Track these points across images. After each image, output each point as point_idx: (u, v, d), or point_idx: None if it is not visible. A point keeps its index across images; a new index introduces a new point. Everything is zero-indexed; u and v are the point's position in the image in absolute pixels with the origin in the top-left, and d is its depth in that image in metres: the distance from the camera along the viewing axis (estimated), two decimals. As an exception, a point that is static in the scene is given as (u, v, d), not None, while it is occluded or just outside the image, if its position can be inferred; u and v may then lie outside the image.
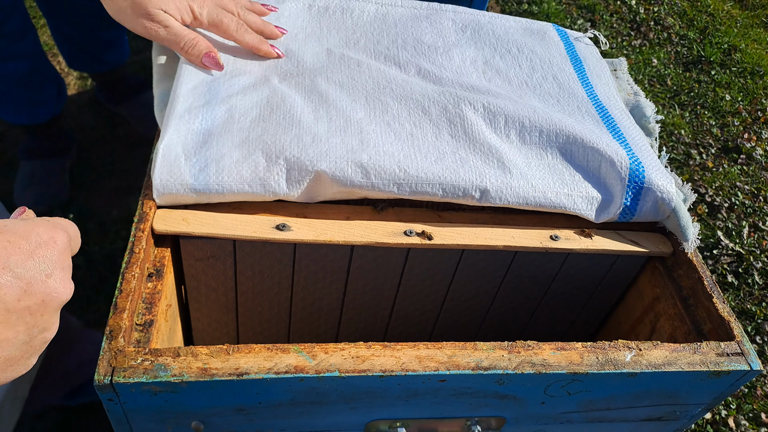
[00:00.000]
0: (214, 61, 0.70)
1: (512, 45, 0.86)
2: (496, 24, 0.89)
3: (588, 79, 0.84)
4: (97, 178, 1.52)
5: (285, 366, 0.53)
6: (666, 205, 0.71)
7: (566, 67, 0.85)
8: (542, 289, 0.81)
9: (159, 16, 0.67)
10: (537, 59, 0.84)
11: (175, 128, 0.66)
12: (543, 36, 0.90)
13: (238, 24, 0.73)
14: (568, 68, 0.85)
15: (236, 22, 0.73)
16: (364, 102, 0.72)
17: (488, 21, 0.89)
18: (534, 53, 0.85)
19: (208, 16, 0.71)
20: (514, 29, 0.89)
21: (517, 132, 0.72)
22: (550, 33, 0.91)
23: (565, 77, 0.83)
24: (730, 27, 2.28)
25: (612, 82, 0.87)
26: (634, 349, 0.61)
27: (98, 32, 1.44)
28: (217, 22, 0.72)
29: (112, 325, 0.54)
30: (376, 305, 0.79)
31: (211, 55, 0.70)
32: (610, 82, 0.87)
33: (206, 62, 0.70)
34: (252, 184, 0.64)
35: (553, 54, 0.86)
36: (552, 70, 0.83)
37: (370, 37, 0.82)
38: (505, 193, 0.68)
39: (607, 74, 0.88)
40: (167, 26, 0.68)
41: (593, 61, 0.89)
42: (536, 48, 0.86)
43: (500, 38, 0.86)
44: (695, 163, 1.77)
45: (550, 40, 0.89)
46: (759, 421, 1.25)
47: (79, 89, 1.73)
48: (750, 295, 1.47)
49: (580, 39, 0.93)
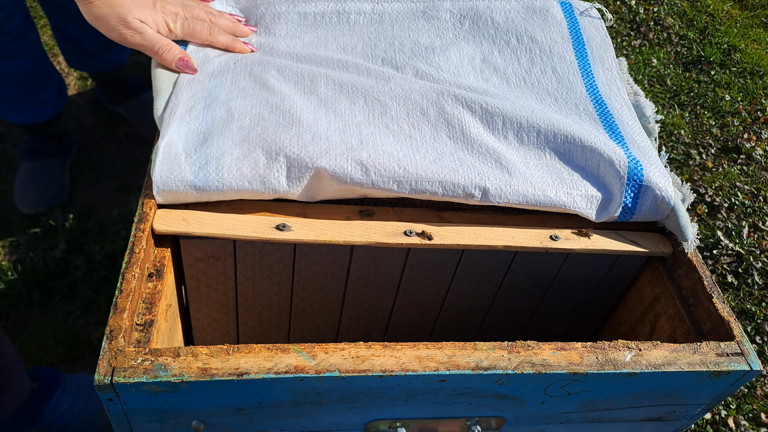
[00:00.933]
0: (186, 64, 0.74)
1: (511, 35, 0.85)
2: (495, 10, 0.87)
3: (590, 66, 0.83)
4: (97, 178, 1.52)
5: (285, 366, 0.53)
6: (665, 204, 0.71)
7: (567, 55, 0.83)
8: (542, 289, 0.81)
9: (135, 24, 0.72)
10: (537, 49, 0.83)
11: (176, 128, 0.66)
12: (545, 15, 0.87)
13: (210, 28, 0.78)
14: (569, 56, 0.83)
15: (208, 26, 0.78)
16: (362, 104, 0.72)
17: (487, 6, 0.87)
18: (534, 42, 0.84)
19: (182, 27, 0.77)
20: (515, 13, 0.87)
21: (514, 132, 0.72)
22: (553, 10, 0.88)
23: (565, 69, 0.82)
24: (729, 27, 2.28)
25: (615, 65, 0.85)
26: (633, 349, 0.61)
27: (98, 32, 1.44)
28: (190, 32, 0.77)
29: (113, 325, 0.54)
30: (376, 305, 0.79)
31: (184, 60, 0.74)
32: (613, 65, 0.85)
33: (179, 66, 0.74)
34: (252, 181, 0.64)
35: (555, 39, 0.85)
36: (552, 61, 0.82)
37: (367, 41, 0.82)
38: (505, 192, 0.68)
39: (610, 56, 0.86)
40: (142, 32, 0.73)
41: (597, 40, 0.87)
42: (537, 34, 0.84)
43: (499, 27, 0.85)
44: (695, 163, 1.78)
45: (552, 20, 0.87)
46: (759, 421, 1.25)
47: (79, 89, 1.73)
48: (750, 295, 1.47)
49: (587, 12, 0.90)
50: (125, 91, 1.61)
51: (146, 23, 0.73)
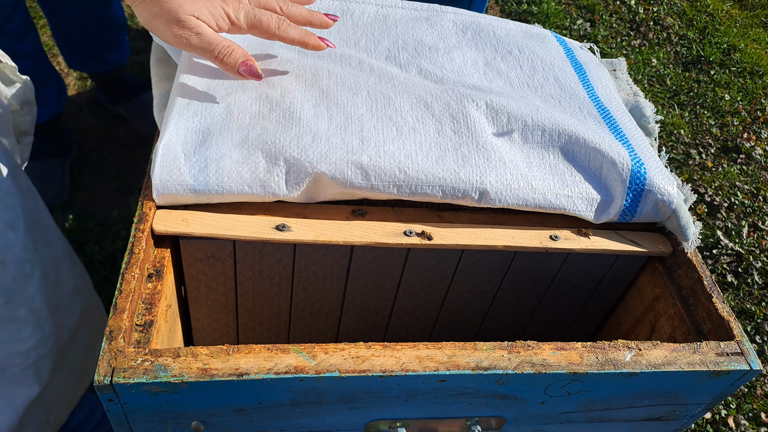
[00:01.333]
0: (251, 70, 0.65)
1: (513, 46, 0.86)
2: (496, 26, 0.89)
3: (589, 81, 0.85)
4: (97, 178, 1.52)
5: (285, 366, 0.53)
6: (666, 207, 0.71)
7: (567, 69, 0.85)
8: (542, 289, 0.81)
9: (190, 22, 0.62)
10: (538, 60, 0.84)
11: (174, 127, 0.65)
12: (543, 40, 0.90)
13: (279, 20, 0.67)
14: (569, 70, 0.85)
15: (277, 19, 0.66)
16: (365, 96, 0.72)
17: (489, 23, 0.89)
18: (535, 54, 0.85)
19: (245, 18, 0.65)
20: (515, 32, 0.90)
21: (519, 130, 0.72)
22: (549, 38, 0.92)
23: (567, 79, 0.83)
24: (729, 27, 2.28)
25: (613, 86, 0.87)
26: (633, 349, 0.61)
27: (98, 32, 1.44)
28: (256, 23, 0.66)
29: (112, 326, 0.54)
30: (376, 305, 0.80)
31: (249, 64, 0.65)
32: (611, 85, 0.87)
33: (243, 71, 0.65)
34: (252, 185, 0.64)
35: (554, 56, 0.87)
36: (553, 71, 0.84)
37: (371, 38, 0.82)
38: (505, 195, 0.68)
39: (607, 78, 0.88)
40: (199, 33, 0.62)
41: (593, 65, 0.90)
42: (537, 50, 0.86)
43: (501, 40, 0.87)
44: (695, 162, 1.78)
45: (550, 44, 0.90)
46: (759, 421, 1.25)
47: (79, 89, 1.73)
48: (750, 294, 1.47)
49: (579, 47, 0.94)
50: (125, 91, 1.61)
51: (202, 19, 0.62)
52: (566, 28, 2.18)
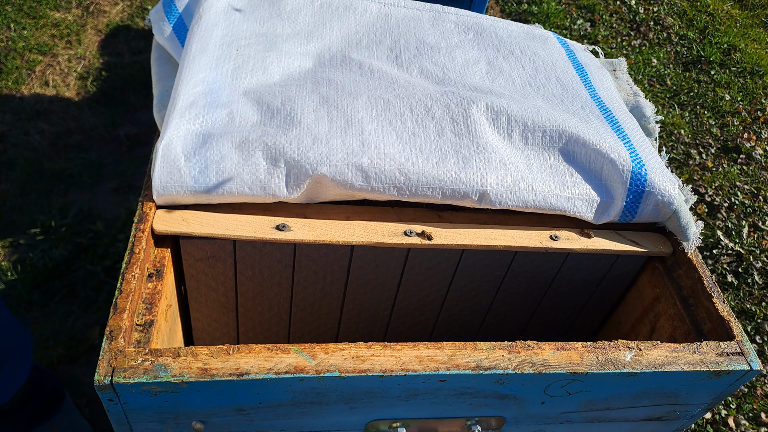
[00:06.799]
0: None
1: (515, 47, 0.86)
2: (498, 27, 0.89)
3: (591, 82, 0.85)
4: (97, 178, 1.52)
5: (285, 366, 0.53)
6: (667, 208, 0.71)
7: (569, 70, 0.85)
8: (542, 289, 0.81)
9: None
10: (540, 61, 0.85)
11: (175, 127, 0.65)
12: (545, 41, 0.90)
13: None
14: (570, 71, 0.85)
15: None
16: (365, 100, 0.72)
17: (491, 24, 0.89)
18: (537, 55, 0.85)
19: None
20: (517, 33, 0.90)
21: (520, 132, 0.72)
22: (551, 40, 0.92)
23: (569, 79, 0.83)
24: (729, 27, 2.28)
25: (614, 87, 0.88)
26: (634, 348, 0.61)
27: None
28: None
29: (113, 326, 0.54)
30: (376, 305, 0.79)
31: None
32: (612, 87, 0.87)
33: None
34: (252, 186, 0.64)
35: (556, 57, 0.87)
36: (555, 71, 0.84)
37: (373, 37, 0.82)
38: (505, 197, 0.68)
39: (609, 80, 0.88)
40: None
41: (594, 67, 0.90)
42: (539, 51, 0.86)
43: (503, 40, 0.87)
44: (695, 162, 1.78)
45: (552, 46, 0.90)
46: (759, 421, 1.25)
47: (79, 89, 1.73)
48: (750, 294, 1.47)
49: (581, 48, 0.94)
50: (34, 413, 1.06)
51: None
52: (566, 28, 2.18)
